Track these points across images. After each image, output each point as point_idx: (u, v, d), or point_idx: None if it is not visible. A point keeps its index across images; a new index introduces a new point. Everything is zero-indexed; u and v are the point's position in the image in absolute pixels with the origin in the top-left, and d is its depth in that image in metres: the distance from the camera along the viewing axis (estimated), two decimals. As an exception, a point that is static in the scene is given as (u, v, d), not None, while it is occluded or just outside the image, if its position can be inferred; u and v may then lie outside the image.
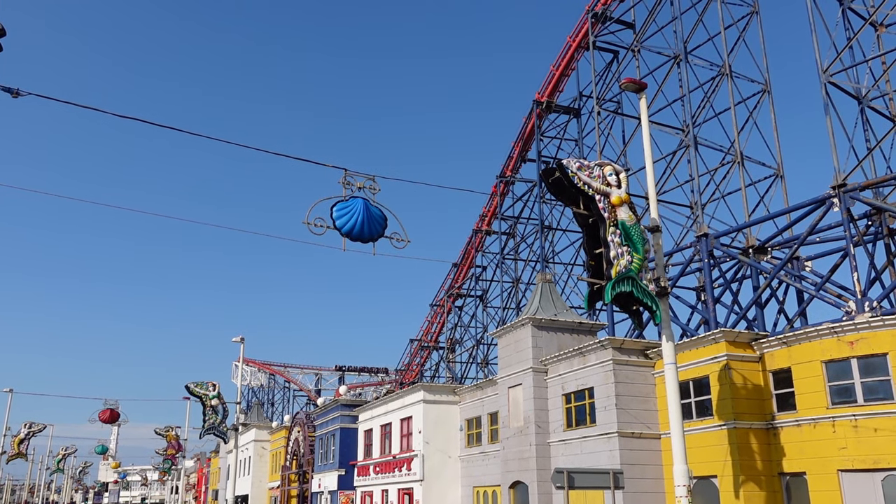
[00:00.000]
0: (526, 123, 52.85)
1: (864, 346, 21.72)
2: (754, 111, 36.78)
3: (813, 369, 22.81)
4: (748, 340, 25.02)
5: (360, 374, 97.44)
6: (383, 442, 43.66)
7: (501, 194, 55.94)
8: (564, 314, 32.80)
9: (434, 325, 67.77)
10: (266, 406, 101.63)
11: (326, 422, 52.03)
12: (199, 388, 50.82)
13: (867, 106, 31.47)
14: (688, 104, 37.12)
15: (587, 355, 28.53)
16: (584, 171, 19.65)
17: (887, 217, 28.76)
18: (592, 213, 19.65)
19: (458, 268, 63.60)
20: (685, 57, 37.49)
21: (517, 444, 31.29)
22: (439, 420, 39.00)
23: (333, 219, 18.68)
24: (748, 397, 24.21)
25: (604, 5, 44.38)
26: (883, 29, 33.12)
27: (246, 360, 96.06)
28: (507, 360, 33.28)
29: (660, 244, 19.92)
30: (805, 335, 23.29)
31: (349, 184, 18.99)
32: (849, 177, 26.76)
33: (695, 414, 25.32)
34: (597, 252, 19.48)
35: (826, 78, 28.29)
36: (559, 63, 49.43)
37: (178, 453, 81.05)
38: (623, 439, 26.30)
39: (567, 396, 29.56)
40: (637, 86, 20.39)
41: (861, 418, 21.38)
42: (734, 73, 36.84)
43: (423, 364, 69.11)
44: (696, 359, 25.52)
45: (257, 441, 68.33)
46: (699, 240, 32.42)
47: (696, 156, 35.72)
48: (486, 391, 36.42)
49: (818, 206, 27.46)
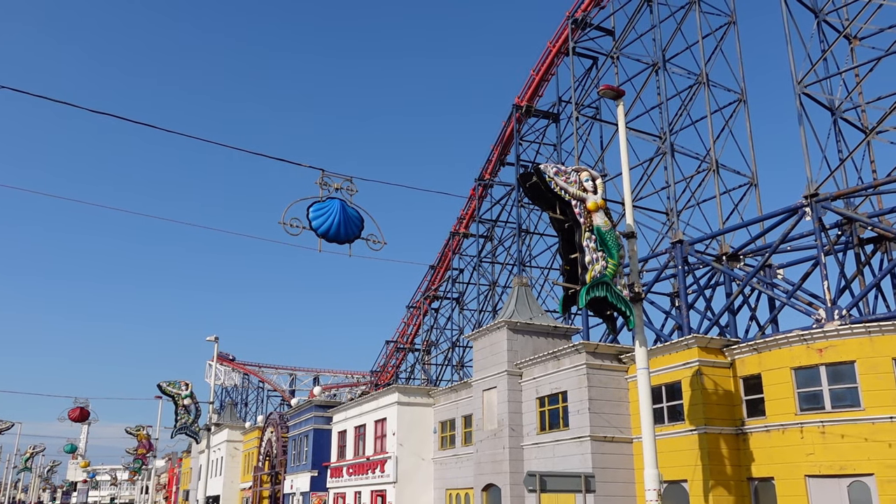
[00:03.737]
0: (505, 127, 53.02)
1: (832, 354, 22.06)
2: (730, 120, 37.26)
3: (782, 376, 23.12)
4: (720, 347, 25.31)
5: (335, 375, 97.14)
6: (357, 443, 43.52)
7: (480, 197, 56.09)
8: (540, 318, 32.94)
9: (410, 326, 67.74)
10: (239, 406, 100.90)
11: (300, 422, 51.75)
12: (171, 388, 50.40)
13: (840, 117, 32.00)
14: (665, 112, 37.51)
15: (561, 359, 28.67)
16: (561, 176, 19.80)
17: (858, 227, 29.26)
18: (568, 218, 19.80)
19: (435, 270, 63.64)
20: (663, 65, 37.86)
21: (490, 447, 31.35)
22: (413, 422, 38.97)
23: (309, 219, 18.62)
24: (719, 403, 24.48)
25: (584, 12, 44.68)
26: (857, 42, 33.70)
27: (220, 359, 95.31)
28: (482, 363, 33.35)
29: (634, 250, 20.10)
30: (775, 342, 23.60)
31: (326, 184, 18.94)
32: (821, 187, 27.18)
33: (666, 419, 25.54)
34: (572, 257, 19.63)
35: (800, 89, 28.73)
36: (539, 68, 49.69)
37: (148, 453, 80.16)
38: (595, 443, 26.45)
39: (541, 400, 29.68)
40: (615, 93, 20.56)
41: (828, 425, 21.71)
42: (711, 82, 37.29)
43: (399, 366, 69.05)
44: (668, 364, 25.76)
45: (230, 441, 67.77)
46: (674, 246, 32.75)
47: (673, 163, 36.09)
48: (461, 394, 36.46)
49: (791, 214, 27.87)
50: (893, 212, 28.49)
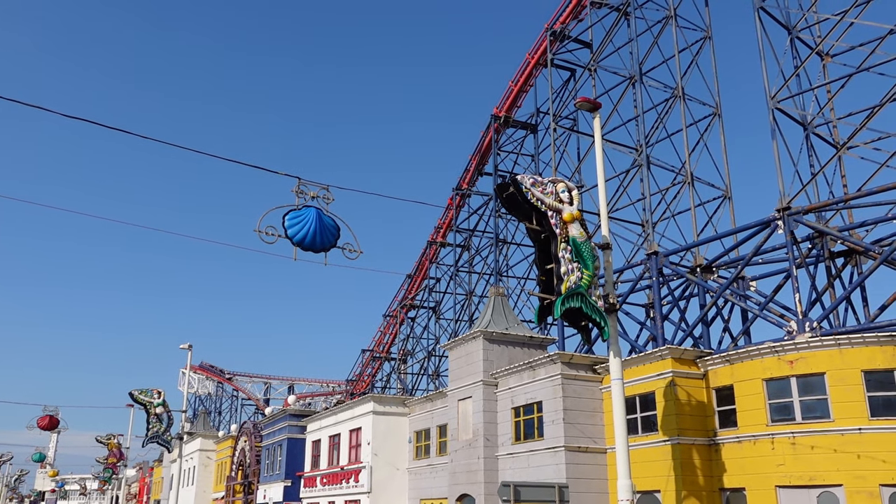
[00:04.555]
0: (484, 137, 53.22)
1: (803, 366, 22.34)
2: (705, 133, 37.69)
3: (754, 387, 23.36)
4: (693, 358, 25.52)
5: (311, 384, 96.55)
6: (331, 453, 43.23)
7: (457, 207, 56.19)
8: (516, 328, 33.00)
9: (387, 335, 67.56)
10: (213, 415, 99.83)
11: (274, 432, 51.31)
12: (143, 396, 49.76)
13: (812, 132, 32.51)
14: (641, 124, 37.86)
15: (537, 369, 28.73)
16: (537, 187, 19.89)
17: (829, 241, 29.71)
18: (545, 229, 19.88)
19: (412, 279, 63.57)
20: (640, 78, 38.25)
21: (465, 457, 31.30)
22: (389, 432, 38.80)
23: (285, 228, 18.53)
24: (692, 413, 24.67)
25: (562, 24, 45.06)
26: (829, 59, 34.30)
27: (193, 367, 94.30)
28: (457, 373, 33.33)
29: (609, 261, 20.23)
30: (747, 353, 23.85)
31: (302, 192, 18.87)
32: (793, 200, 27.57)
33: (640, 429, 25.68)
34: (548, 267, 19.70)
35: (774, 104, 29.17)
36: (518, 79, 49.98)
37: (119, 462, 79.01)
38: (569, 453, 26.52)
39: (516, 410, 29.71)
40: (591, 105, 20.73)
41: (799, 436, 21.95)
42: (687, 95, 37.73)
43: (375, 375, 68.81)
44: (642, 375, 25.92)
45: (202, 450, 67.00)
46: (649, 257, 33.01)
47: (649, 175, 36.41)
48: (436, 403, 36.38)
49: (763, 227, 28.23)
50: (863, 226, 29.01)
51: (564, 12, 45.16)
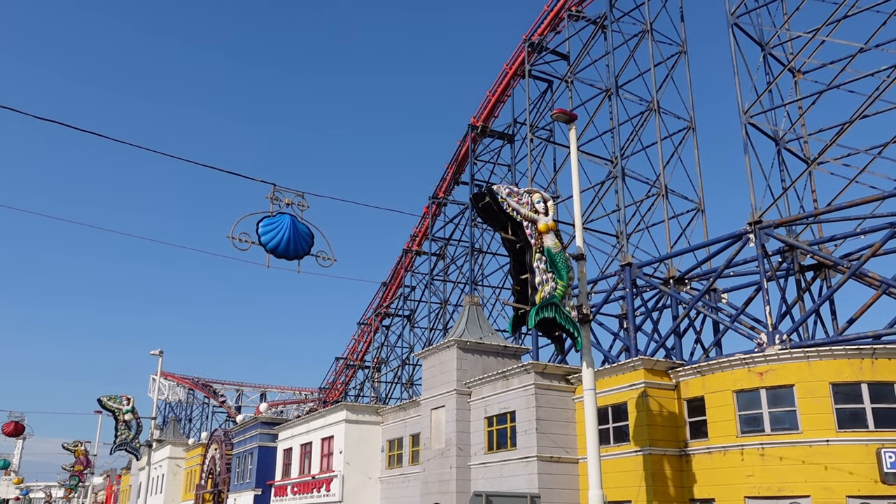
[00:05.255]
0: (461, 146, 53.35)
1: (772, 378, 22.60)
2: (679, 147, 38.09)
3: (724, 398, 23.58)
4: (665, 369, 25.71)
5: (283, 392, 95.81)
6: (303, 461, 42.87)
7: (433, 215, 56.19)
8: (490, 337, 33.03)
9: (361, 343, 67.27)
10: (183, 422, 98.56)
11: (245, 440, 50.79)
12: (112, 402, 49.10)
13: (784, 147, 33.00)
14: (617, 136, 38.16)
15: (510, 379, 28.76)
16: (513, 197, 19.96)
17: (799, 254, 30.15)
18: (520, 239, 19.94)
19: (387, 287, 63.41)
20: (616, 91, 38.59)
21: (438, 467, 31.20)
22: (361, 440, 38.59)
23: (259, 234, 18.40)
24: (663, 424, 24.82)
25: (540, 36, 45.38)
26: (800, 76, 34.86)
27: (164, 373, 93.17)
28: (431, 382, 33.25)
29: (584, 272, 20.33)
30: (718, 365, 24.08)
31: (277, 199, 18.76)
32: (764, 214, 27.95)
33: (612, 439, 25.78)
34: (523, 277, 19.75)
35: (746, 119, 29.59)
36: (495, 89, 50.21)
37: (86, 469, 77.74)
38: (542, 463, 26.54)
39: (489, 419, 29.70)
40: (567, 117, 20.87)
41: (768, 447, 22.19)
42: (662, 109, 38.12)
43: (348, 383, 68.44)
44: (615, 385, 26.05)
45: (172, 458, 66.12)
46: (623, 269, 33.24)
47: (623, 187, 36.69)
48: (409, 412, 36.25)
49: (735, 240, 28.57)
50: (833, 240, 29.49)
51: (542, 24, 45.49)
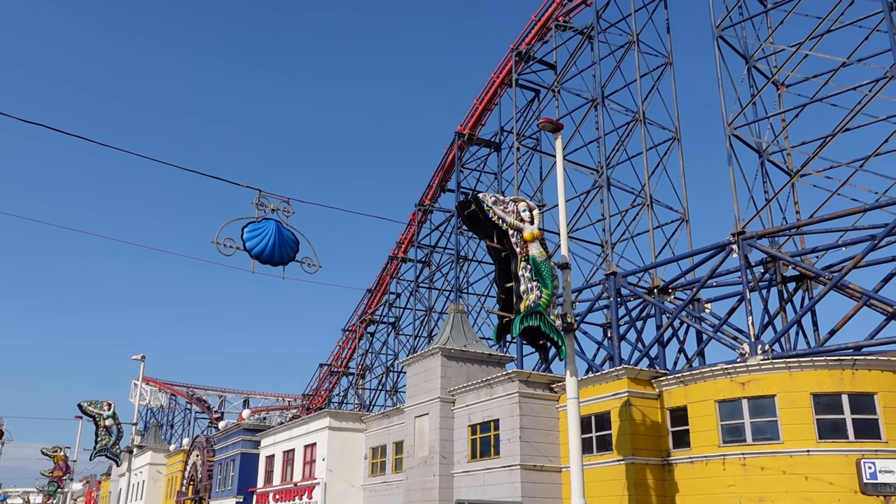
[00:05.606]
0: (447, 154, 53.43)
1: (754, 388, 22.74)
2: (664, 157, 38.36)
3: (707, 408, 23.69)
4: (649, 378, 25.80)
5: (266, 398, 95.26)
6: (285, 469, 42.62)
7: (419, 223, 56.18)
8: (474, 345, 33.03)
9: (345, 350, 67.06)
10: (165, 428, 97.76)
11: (227, 446, 50.42)
12: (92, 407, 48.58)
13: (767, 159, 33.30)
14: (603, 146, 38.36)
15: (494, 387, 28.75)
16: (499, 205, 20.01)
17: (781, 265, 30.38)
18: (505, 248, 19.98)
19: (373, 294, 63.30)
20: (602, 101, 38.82)
21: (421, 475, 31.11)
22: (344, 448, 38.42)
23: (244, 240, 18.32)
24: (646, 433, 24.90)
25: (528, 45, 45.63)
26: (784, 89, 35.23)
27: (146, 378, 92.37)
28: (415, 389, 33.18)
29: (568, 281, 20.40)
30: (701, 375, 24.20)
31: (262, 205, 18.70)
32: (748, 225, 28.18)
33: (595, 448, 25.83)
34: (508, 286, 19.79)
35: (730, 130, 29.85)
36: (483, 97, 50.37)
37: (65, 475, 76.80)
38: (525, 472, 26.54)
39: (473, 427, 29.66)
40: (554, 126, 20.98)
41: (749, 457, 22.30)
42: (647, 119, 38.39)
43: (332, 390, 68.16)
44: (598, 394, 26.11)
45: (153, 464, 65.51)
46: (608, 278, 33.37)
47: (609, 196, 36.90)
48: (393, 420, 36.15)
49: (719, 251, 28.78)
50: (815, 252, 29.75)
51: (530, 34, 45.75)
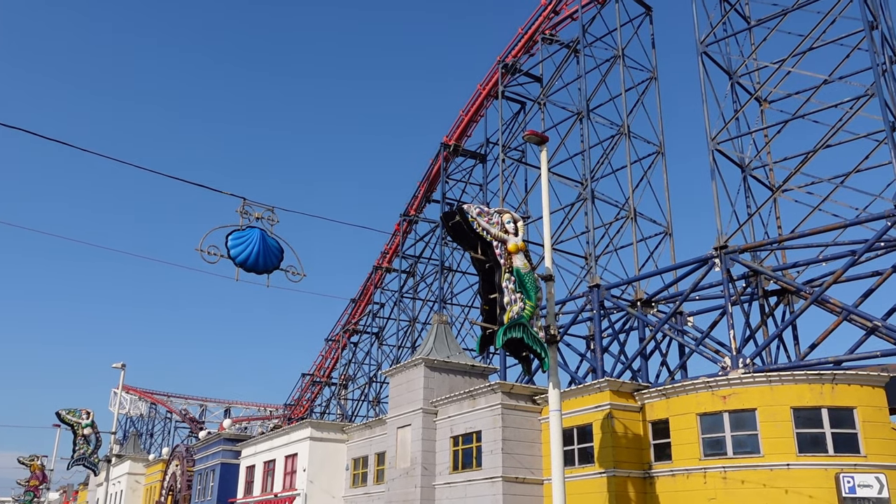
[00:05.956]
0: (433, 165, 53.52)
1: (735, 401, 22.86)
2: (648, 171, 38.65)
3: (688, 421, 23.78)
4: (631, 391, 25.87)
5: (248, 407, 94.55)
6: (265, 479, 42.27)
7: (404, 233, 56.18)
8: (457, 356, 32.99)
9: (328, 360, 66.76)
10: (144, 437, 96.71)
11: (207, 456, 49.97)
12: (71, 416, 48.00)
13: (749, 174, 33.62)
14: (588, 159, 38.59)
15: (477, 398, 28.72)
16: (483, 217, 20.05)
17: (763, 279, 30.64)
18: (489, 259, 20.01)
19: (356, 303, 63.12)
20: (587, 114, 39.09)
21: (402, 486, 30.97)
22: (326, 458, 38.18)
23: (228, 248, 18.24)
24: (628, 446, 24.94)
25: (514, 57, 45.90)
26: (767, 105, 35.64)
27: (126, 387, 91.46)
28: (397, 400, 33.07)
29: (552, 293, 20.44)
30: (682, 388, 24.30)
31: (247, 213, 18.64)
32: (730, 239, 28.42)
33: (577, 461, 25.83)
34: (491, 297, 19.80)
35: (714, 145, 30.14)
36: (468, 109, 50.55)
37: (41, 485, 75.70)
38: (507, 484, 26.48)
39: (455, 439, 29.59)
40: (539, 138, 21.07)
41: (730, 470, 22.39)
42: (632, 133, 38.69)
43: (314, 400, 67.81)
44: (581, 406, 26.14)
45: (131, 474, 64.80)
46: (591, 290, 33.50)
47: (593, 209, 37.07)
48: (375, 430, 36.00)
49: (701, 264, 28.98)
50: (796, 266, 30.04)
51: (517, 46, 46.03)
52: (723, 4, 36.23)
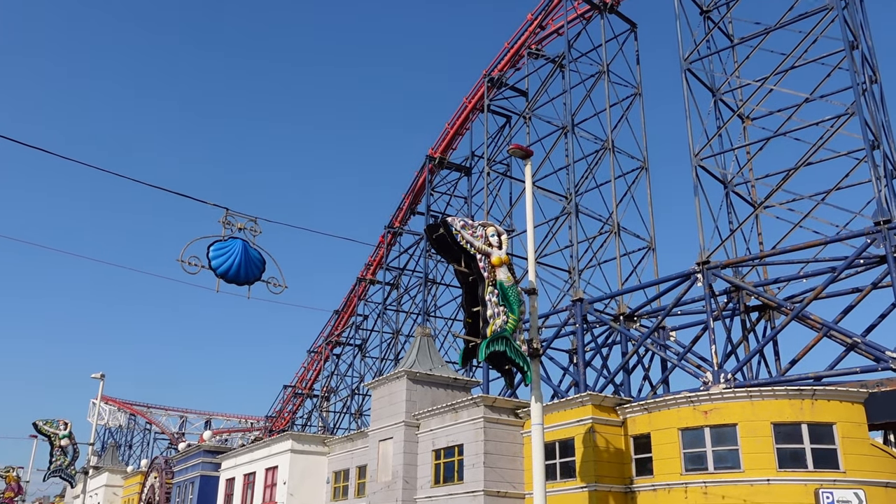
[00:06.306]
0: (418, 177, 53.59)
1: (716, 416, 22.92)
2: (632, 186, 38.88)
3: (670, 436, 23.80)
4: (613, 405, 25.89)
5: (229, 419, 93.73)
6: (245, 492, 41.84)
7: (388, 245, 56.14)
8: (440, 369, 32.90)
9: (310, 371, 66.41)
10: (123, 449, 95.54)
11: (186, 468, 49.41)
12: (48, 427, 47.47)
13: (732, 190, 33.91)
14: (572, 173, 38.78)
15: (459, 412, 28.62)
16: (467, 229, 20.06)
17: (744, 295, 30.85)
18: (473, 272, 20.01)
19: (340, 315, 62.90)
20: (572, 129, 39.31)
21: (383, 500, 30.75)
22: (306, 471, 37.86)
23: (210, 259, 18.12)
24: (610, 461, 24.92)
25: (500, 71, 46.14)
26: (749, 122, 36.01)
27: (105, 398, 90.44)
28: (379, 413, 32.90)
29: (535, 307, 20.44)
30: (664, 402, 24.34)
31: (230, 224, 18.53)
32: (712, 255, 28.62)
33: (559, 475, 25.76)
34: (475, 310, 19.78)
35: (697, 161, 30.40)
36: (454, 122, 50.72)
37: (17, 497, 74.48)
38: (489, 498, 26.36)
39: (437, 452, 29.45)
40: (524, 152, 21.14)
41: (711, 485, 22.42)
42: (616, 148, 38.93)
43: (296, 412, 67.37)
44: (563, 420, 26.11)
45: (109, 486, 63.96)
46: (574, 304, 33.58)
47: (577, 223, 37.24)
48: (357, 443, 35.77)
49: (684, 280, 29.15)
50: (777, 283, 30.27)
51: (503, 60, 46.28)
52: (706, 22, 36.70)
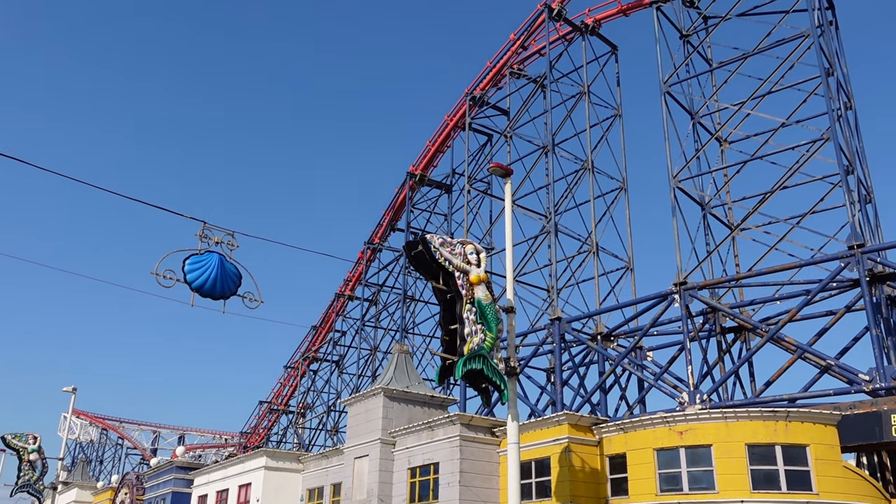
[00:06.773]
0: (398, 194, 53.62)
1: (692, 437, 22.98)
2: (611, 206, 39.17)
3: (645, 456, 23.81)
4: (589, 424, 25.87)
5: (203, 435, 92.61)
6: (218, 509, 41.22)
7: (368, 261, 56.00)
8: (417, 386, 32.73)
9: (286, 387, 65.85)
10: (94, 464, 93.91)
11: (158, 484, 48.62)
12: (17, 440, 46.67)
13: (709, 212, 34.28)
14: (552, 193, 39.01)
15: (435, 430, 28.46)
16: (446, 247, 20.05)
17: (721, 316, 31.10)
18: (451, 290, 19.97)
19: (317, 331, 62.52)
20: (552, 148, 39.59)
21: (358, 518, 30.42)
22: (280, 489, 37.38)
23: (185, 272, 17.95)
24: (585, 480, 24.87)
25: (482, 90, 46.43)
26: (727, 145, 36.48)
27: (76, 411, 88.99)
28: (356, 430, 32.63)
29: (513, 325, 20.45)
30: (640, 422, 24.36)
31: (206, 237, 18.39)
32: (689, 276, 28.84)
33: (534, 494, 25.66)
34: (452, 328, 19.72)
35: (675, 183, 30.72)
36: (435, 139, 50.89)
37: (-17, 512, 72.88)
38: (464, 517, 26.15)
39: (413, 470, 29.22)
40: (504, 171, 21.24)
41: (686, 506, 22.41)
42: (595, 168, 39.24)
43: (271, 428, 66.69)
44: (539, 439, 26.04)
45: (78, 502, 62.64)
46: (552, 323, 33.63)
47: (556, 242, 37.39)
48: (332, 460, 35.42)
49: (661, 300, 29.32)
50: (753, 304, 30.55)
51: (485, 79, 46.59)
52: (686, 46, 37.24)
